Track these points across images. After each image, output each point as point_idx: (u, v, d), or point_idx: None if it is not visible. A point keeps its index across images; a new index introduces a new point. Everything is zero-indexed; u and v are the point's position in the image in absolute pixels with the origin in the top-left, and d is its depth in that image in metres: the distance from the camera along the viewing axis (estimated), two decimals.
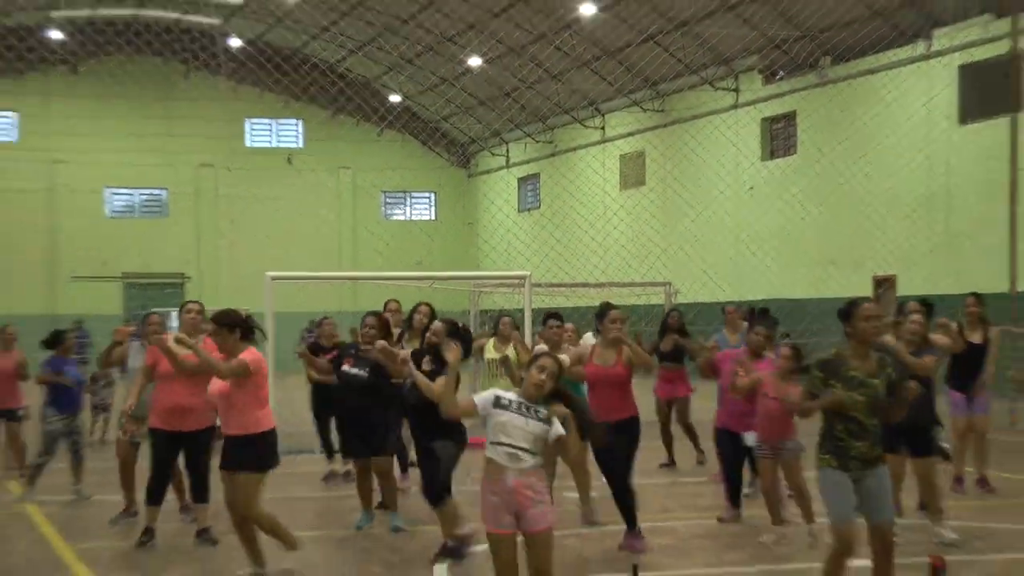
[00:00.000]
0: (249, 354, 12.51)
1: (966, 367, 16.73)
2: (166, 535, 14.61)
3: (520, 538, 9.34)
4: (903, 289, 37.32)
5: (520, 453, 9.22)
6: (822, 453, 9.87)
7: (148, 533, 14.33)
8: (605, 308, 14.43)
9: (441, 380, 12.34)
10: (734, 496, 15.49)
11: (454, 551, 13.14)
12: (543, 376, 9.33)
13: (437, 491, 13.30)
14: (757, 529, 14.72)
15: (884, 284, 38.86)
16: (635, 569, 11.51)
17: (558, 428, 9.33)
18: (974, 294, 18.25)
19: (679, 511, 16.75)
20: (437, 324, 13.69)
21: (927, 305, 15.15)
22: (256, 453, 12.50)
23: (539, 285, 28.03)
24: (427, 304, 15.68)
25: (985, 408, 17.54)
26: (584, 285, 35.90)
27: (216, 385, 12.50)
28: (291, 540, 12.63)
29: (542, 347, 15.19)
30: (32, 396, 19.78)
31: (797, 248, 42.72)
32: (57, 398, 18.26)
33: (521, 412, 9.29)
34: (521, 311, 25.73)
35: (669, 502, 17.59)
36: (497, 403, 9.34)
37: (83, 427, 18.38)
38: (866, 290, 37.93)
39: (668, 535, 14.94)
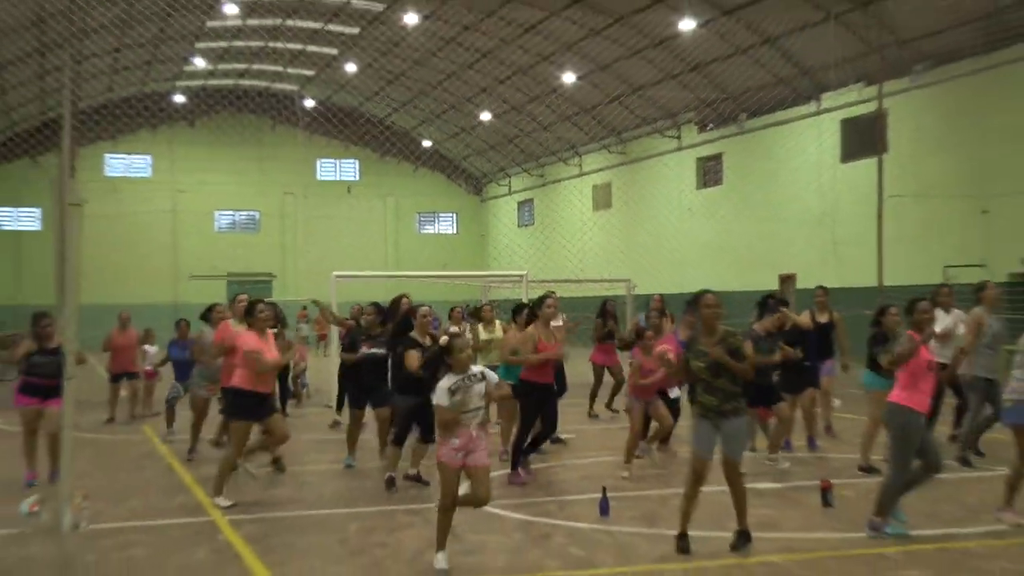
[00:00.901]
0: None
1: (817, 342, 16.57)
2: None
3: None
4: (801, 283, 37.34)
5: (478, 412, 9.23)
6: (694, 406, 9.97)
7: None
8: (544, 296, 14.31)
9: (412, 353, 12.80)
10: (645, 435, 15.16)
11: (419, 478, 13.18)
12: (466, 352, 9.35)
13: (433, 432, 13.09)
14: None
15: (787, 279, 38.90)
16: (604, 490, 11.54)
17: (492, 376, 9.33)
18: (821, 286, 17.96)
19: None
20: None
21: (784, 302, 15.27)
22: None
23: (533, 281, 27.97)
24: (406, 295, 15.26)
25: (831, 371, 17.34)
26: (567, 281, 35.84)
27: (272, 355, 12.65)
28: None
29: (455, 329, 14.92)
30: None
31: (723, 253, 42.68)
32: (175, 370, 18.36)
33: (469, 383, 9.21)
34: (519, 300, 25.84)
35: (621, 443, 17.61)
36: (451, 394, 9.14)
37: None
38: (774, 284, 37.96)
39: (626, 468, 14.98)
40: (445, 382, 9.19)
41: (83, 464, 14.00)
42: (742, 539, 9.70)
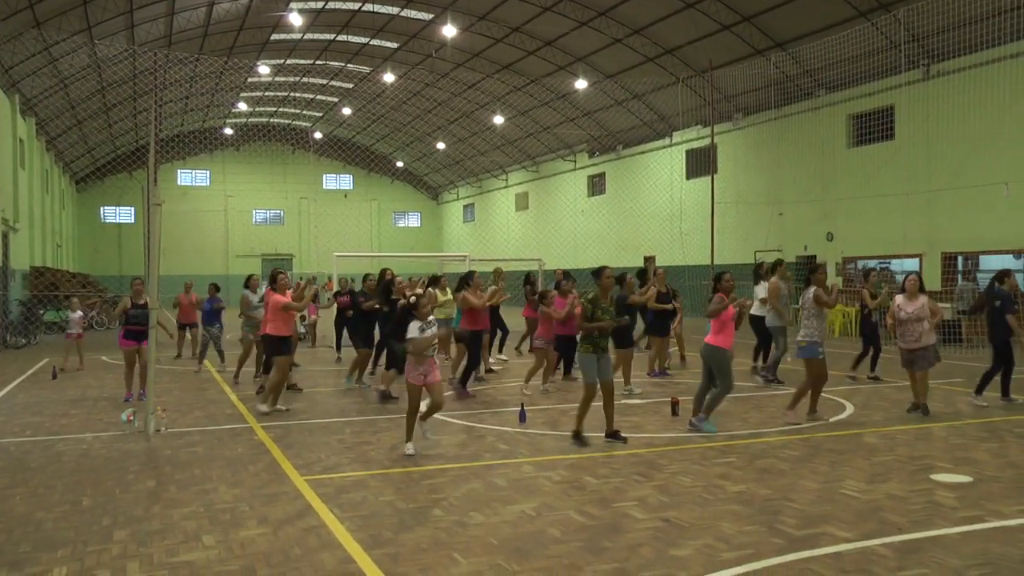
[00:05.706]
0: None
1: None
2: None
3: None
4: (659, 262, 37.52)
5: (433, 348, 9.13)
6: (584, 346, 9.62)
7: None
8: (496, 270, 14.23)
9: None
10: (567, 368, 15.05)
11: (386, 395, 12.97)
12: (427, 308, 9.20)
13: (400, 366, 12.79)
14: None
15: (650, 259, 39.02)
16: (522, 405, 11.54)
17: (436, 325, 9.33)
18: (661, 267, 17.87)
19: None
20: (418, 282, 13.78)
21: (644, 274, 15.04)
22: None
23: (473, 259, 27.87)
24: (389, 269, 14.87)
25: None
26: (498, 259, 35.68)
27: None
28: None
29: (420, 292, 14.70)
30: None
31: (605, 241, 42.75)
32: (206, 318, 17.84)
33: (427, 327, 9.07)
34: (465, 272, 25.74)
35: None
36: (421, 331, 9.01)
37: (222, 333, 17.92)
38: (640, 263, 38.07)
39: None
40: (415, 325, 9.04)
41: (161, 387, 13.74)
42: (615, 438, 9.74)
